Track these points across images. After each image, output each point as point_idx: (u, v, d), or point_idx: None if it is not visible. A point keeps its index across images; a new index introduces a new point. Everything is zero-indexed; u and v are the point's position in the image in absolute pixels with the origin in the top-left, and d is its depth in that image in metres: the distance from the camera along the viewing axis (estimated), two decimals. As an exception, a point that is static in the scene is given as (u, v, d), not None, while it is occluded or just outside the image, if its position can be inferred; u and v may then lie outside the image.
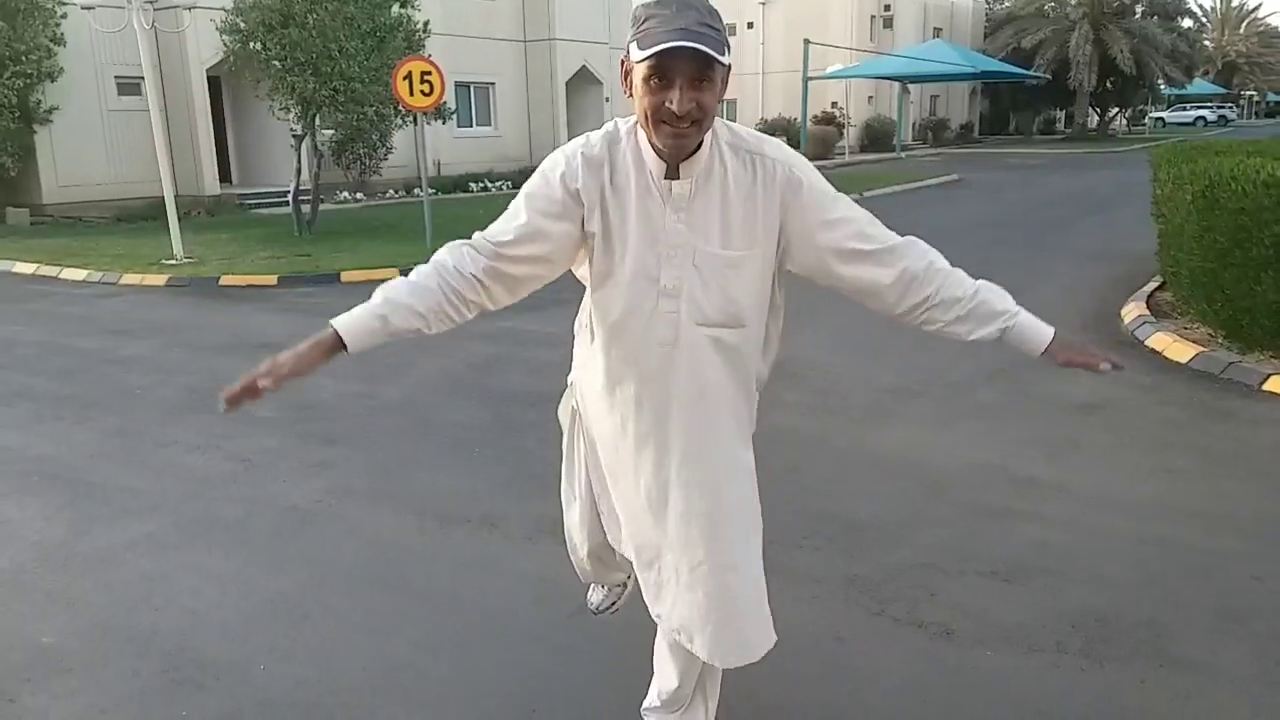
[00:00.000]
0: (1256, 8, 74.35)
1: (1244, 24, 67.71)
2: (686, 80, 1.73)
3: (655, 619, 2.22)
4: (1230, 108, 60.82)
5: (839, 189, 1.97)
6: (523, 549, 3.76)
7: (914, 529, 3.86)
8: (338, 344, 1.84)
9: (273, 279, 10.23)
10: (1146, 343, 6.71)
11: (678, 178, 1.87)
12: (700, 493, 2.03)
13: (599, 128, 1.98)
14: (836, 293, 2.01)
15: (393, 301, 1.86)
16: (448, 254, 1.92)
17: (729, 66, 1.80)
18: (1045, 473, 4.43)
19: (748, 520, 2.10)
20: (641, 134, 1.87)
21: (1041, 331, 1.95)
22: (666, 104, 1.74)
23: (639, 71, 1.76)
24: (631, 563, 2.22)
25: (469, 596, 3.41)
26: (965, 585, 3.40)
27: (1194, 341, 6.45)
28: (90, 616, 3.33)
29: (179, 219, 11.81)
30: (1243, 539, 3.74)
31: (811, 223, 1.91)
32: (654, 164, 1.87)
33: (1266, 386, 5.60)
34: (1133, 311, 7.43)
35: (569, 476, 2.38)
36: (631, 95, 1.82)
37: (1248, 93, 70.03)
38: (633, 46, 1.76)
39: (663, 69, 1.72)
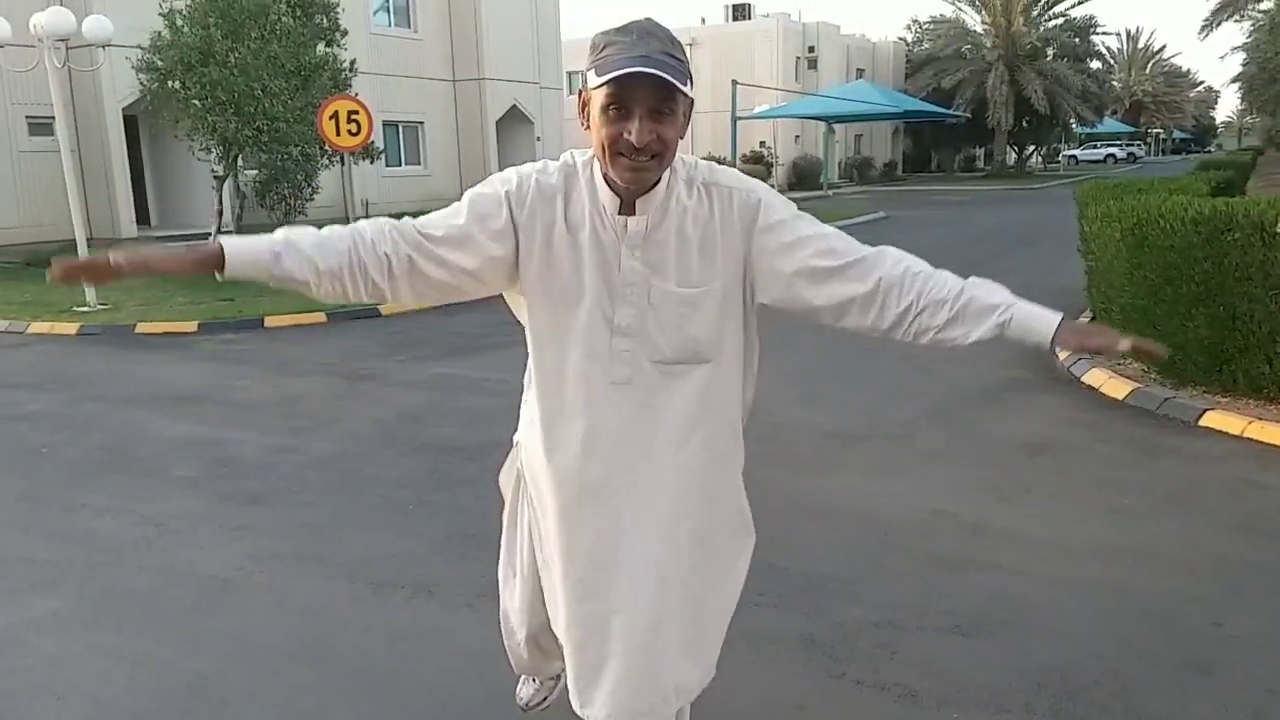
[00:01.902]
0: (1161, 49, 77.94)
1: (1149, 65, 70.98)
2: (646, 110, 1.62)
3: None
4: (1139, 145, 63.55)
5: None
6: (462, 618, 3.53)
7: (869, 582, 3.74)
8: (217, 259, 1.67)
9: (193, 325, 9.83)
10: (1083, 379, 6.76)
11: (633, 213, 1.74)
12: (660, 539, 1.87)
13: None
14: (817, 322, 1.85)
15: (293, 244, 1.70)
16: (370, 226, 1.76)
17: (692, 100, 1.69)
18: (996, 518, 4.36)
19: (718, 556, 1.95)
20: (597, 167, 1.74)
21: (1045, 320, 1.73)
22: (625, 135, 1.63)
23: (596, 100, 1.64)
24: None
25: (406, 672, 3.18)
26: (926, 642, 3.28)
27: (1128, 378, 6.51)
28: (-18, 711, 3.02)
29: (93, 263, 11.31)
30: (1198, 582, 3.70)
31: (773, 246, 1.79)
32: (608, 199, 1.75)
33: (1203, 422, 5.66)
34: (1067, 348, 7.50)
35: (509, 550, 2.19)
36: (588, 127, 1.70)
37: (1155, 130, 73.21)
38: (590, 74, 1.64)
39: (621, 98, 1.61)
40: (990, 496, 4.65)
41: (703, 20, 42.25)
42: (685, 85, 1.62)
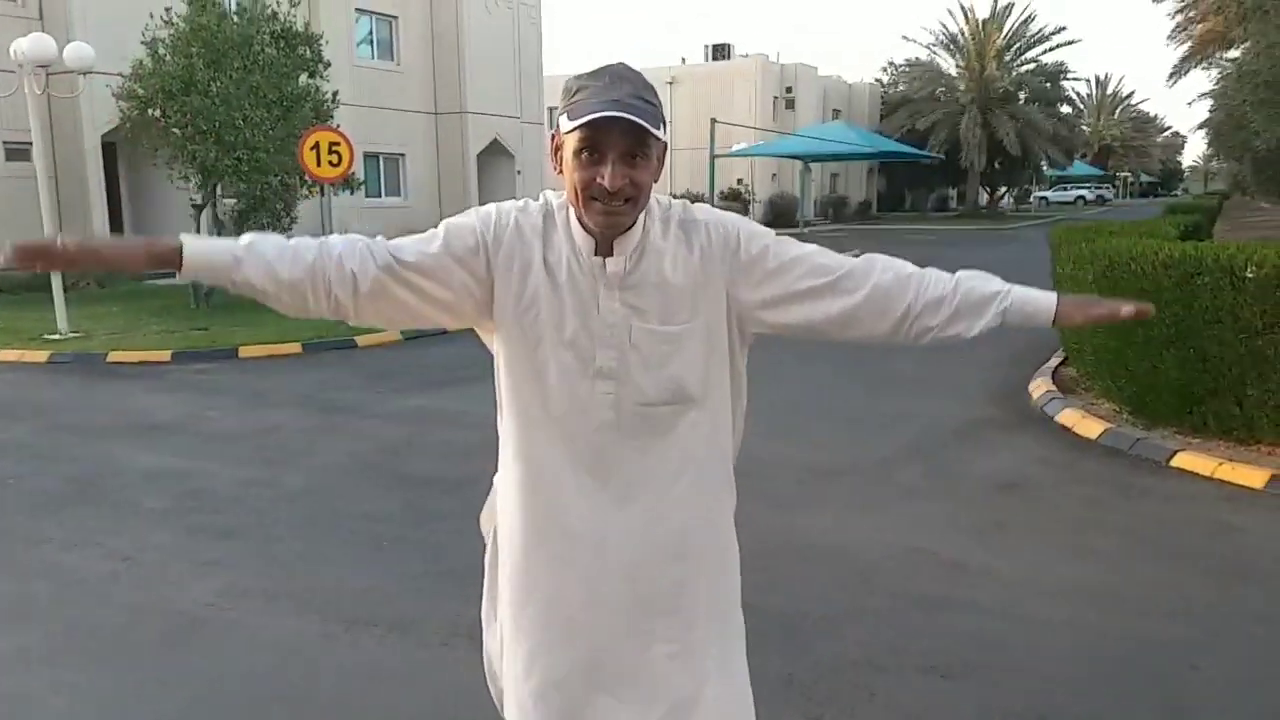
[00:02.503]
0: (1129, 95, 79.70)
1: (1118, 110, 72.44)
2: (619, 155, 1.61)
3: None
4: (1107, 188, 64.73)
5: None
6: (438, 657, 3.48)
7: (848, 621, 3.73)
8: (174, 256, 1.61)
9: (166, 355, 9.72)
10: (1056, 419, 6.82)
11: (610, 254, 1.73)
12: (647, 607, 1.84)
13: (512, 198, 1.84)
14: (822, 339, 1.83)
15: (256, 250, 1.65)
16: (341, 240, 1.71)
17: (665, 144, 1.69)
18: (974, 557, 4.37)
19: (712, 629, 1.89)
20: (572, 211, 1.74)
21: (1043, 300, 1.75)
22: (598, 180, 1.62)
23: (569, 145, 1.64)
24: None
25: (379, 713, 3.12)
26: (904, 683, 3.27)
27: (1101, 417, 6.58)
28: (-60, 751, 2.93)
29: (66, 290, 11.20)
30: (1174, 624, 3.71)
31: (759, 275, 1.78)
32: (584, 241, 1.74)
33: (1175, 463, 5.71)
34: (1040, 387, 7.58)
35: (491, 595, 2.14)
36: (561, 171, 1.69)
37: (1123, 174, 74.61)
38: (563, 119, 1.64)
39: (594, 142, 1.61)
40: (968, 535, 4.66)
41: (683, 60, 42.79)
42: (658, 129, 1.62)
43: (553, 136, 1.71)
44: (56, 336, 10.62)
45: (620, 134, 1.60)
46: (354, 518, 4.98)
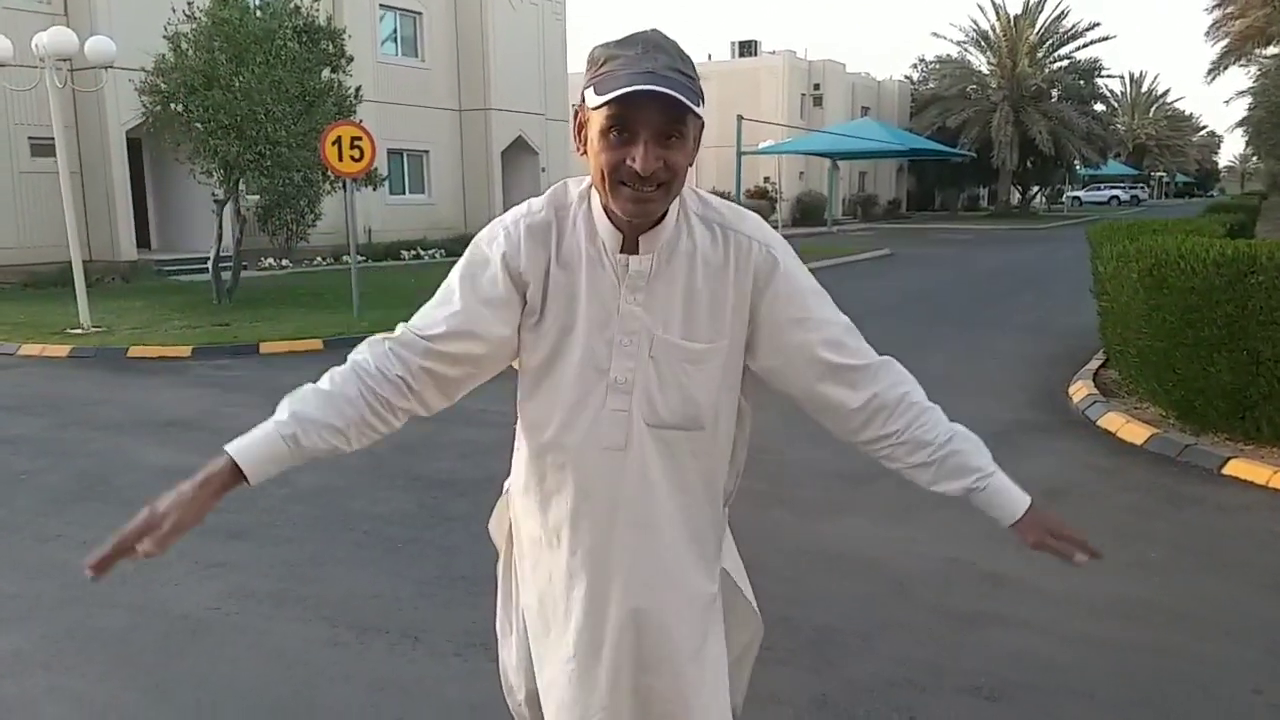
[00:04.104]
0: (1165, 94, 78.57)
1: (1153, 109, 71.42)
2: (653, 134, 1.41)
3: None
4: (1141, 188, 63.75)
5: None
6: (449, 668, 3.30)
7: (883, 636, 3.52)
8: (236, 476, 1.47)
9: (187, 350, 9.64)
10: (1098, 423, 6.55)
11: (636, 251, 1.54)
12: (644, 642, 1.66)
13: (536, 195, 1.65)
14: (790, 402, 1.68)
15: (303, 418, 1.50)
16: (369, 353, 1.56)
17: (703, 123, 1.49)
18: (1015, 569, 4.13)
19: (704, 681, 1.71)
20: (595, 198, 1.54)
21: (1015, 501, 1.63)
22: (628, 162, 1.42)
23: (596, 122, 1.44)
24: None
25: (385, 728, 2.95)
26: (946, 705, 3.05)
27: (1147, 422, 6.31)
28: (-76, 763, 2.79)
29: (90, 285, 11.16)
30: (1234, 644, 3.47)
31: (782, 317, 1.59)
32: (608, 234, 1.55)
33: (1227, 470, 5.44)
34: (1081, 390, 7.30)
35: (505, 606, 1.98)
36: (585, 152, 1.49)
37: (1158, 174, 73.53)
38: (589, 93, 1.44)
39: (625, 119, 1.41)
40: (1007, 545, 4.41)
41: (709, 56, 42.57)
42: (697, 105, 1.43)
43: (576, 113, 1.51)
44: (79, 331, 10.58)
45: (655, 110, 1.40)
46: (367, 519, 4.82)
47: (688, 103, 1.40)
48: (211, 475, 1.46)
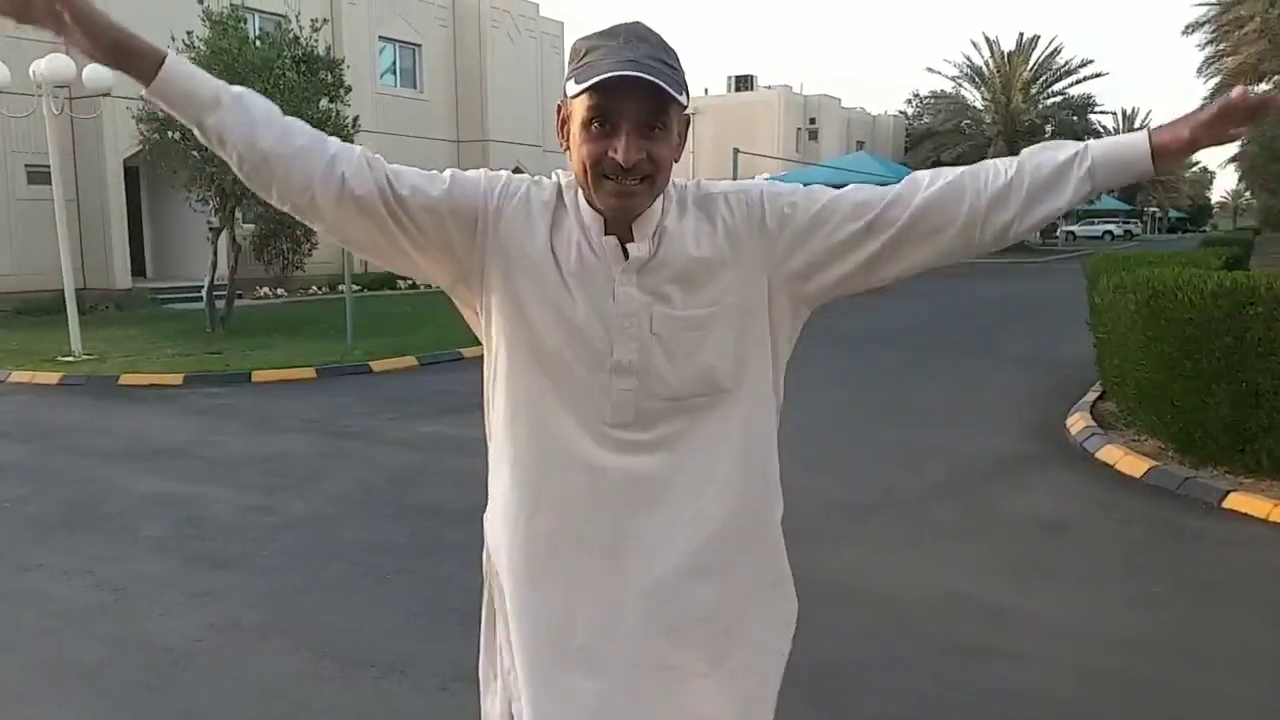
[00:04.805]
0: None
1: (1144, 145, 71.79)
2: (634, 125, 1.37)
3: None
4: (1135, 223, 64.03)
5: None
6: (436, 703, 3.21)
7: (885, 671, 3.44)
8: (150, 61, 1.38)
9: (178, 378, 9.56)
10: (1097, 455, 6.49)
11: (625, 236, 1.49)
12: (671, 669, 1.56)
13: None
14: (888, 279, 1.59)
15: (244, 103, 1.43)
16: (338, 142, 1.50)
17: (688, 116, 1.45)
18: (1018, 602, 4.06)
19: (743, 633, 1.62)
20: (580, 192, 1.50)
21: (1135, 142, 1.51)
22: (610, 154, 1.38)
23: (577, 113, 1.40)
24: None
25: (370, 765, 2.86)
26: (948, 743, 2.97)
27: (1145, 455, 6.24)
28: (-109, 800, 2.69)
29: (84, 313, 11.10)
30: (1240, 681, 3.39)
31: (792, 239, 1.54)
32: (593, 223, 1.49)
33: (1227, 504, 5.37)
34: (1079, 423, 7.25)
35: (489, 650, 1.85)
36: (568, 148, 1.45)
37: (1151, 209, 73.95)
38: (569, 84, 1.40)
39: (606, 109, 1.37)
40: (1009, 578, 4.35)
41: (705, 90, 42.88)
42: (680, 95, 1.39)
43: (559, 107, 1.47)
44: (70, 358, 10.50)
45: (637, 100, 1.36)
46: (357, 548, 4.73)
47: (670, 91, 1.36)
48: (143, 46, 1.38)
